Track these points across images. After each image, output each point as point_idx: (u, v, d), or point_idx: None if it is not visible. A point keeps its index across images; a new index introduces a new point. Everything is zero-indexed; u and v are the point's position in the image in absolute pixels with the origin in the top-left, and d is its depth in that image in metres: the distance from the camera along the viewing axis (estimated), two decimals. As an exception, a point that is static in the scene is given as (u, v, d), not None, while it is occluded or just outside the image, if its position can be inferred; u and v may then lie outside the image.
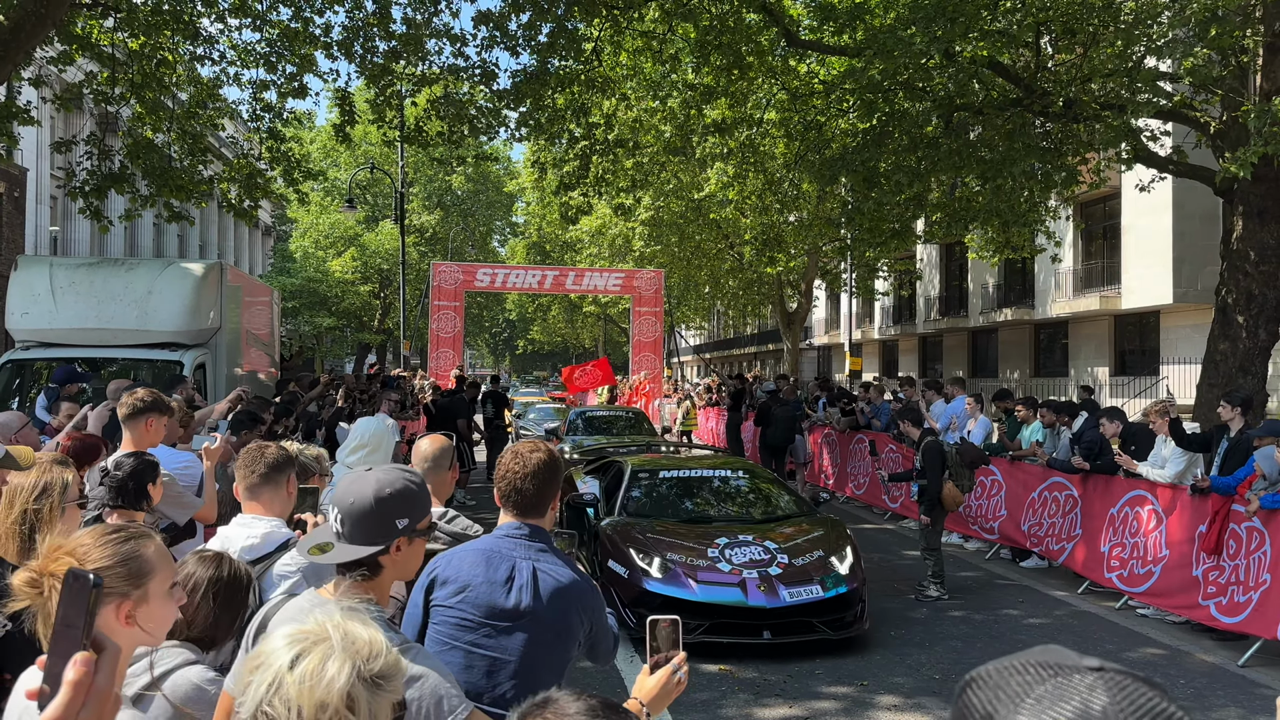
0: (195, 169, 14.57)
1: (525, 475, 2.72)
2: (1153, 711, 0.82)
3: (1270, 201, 11.43)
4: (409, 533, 2.13)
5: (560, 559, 2.74)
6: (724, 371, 48.09)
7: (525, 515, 2.74)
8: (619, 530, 7.75)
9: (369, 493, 2.11)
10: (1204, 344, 12.39)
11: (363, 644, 1.36)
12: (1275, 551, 6.77)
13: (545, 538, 2.74)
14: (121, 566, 1.82)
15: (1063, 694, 0.84)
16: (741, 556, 7.19)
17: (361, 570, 2.12)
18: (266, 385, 13.09)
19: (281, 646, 1.35)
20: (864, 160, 13.43)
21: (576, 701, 1.26)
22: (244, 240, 43.65)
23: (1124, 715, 0.81)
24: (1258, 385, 11.62)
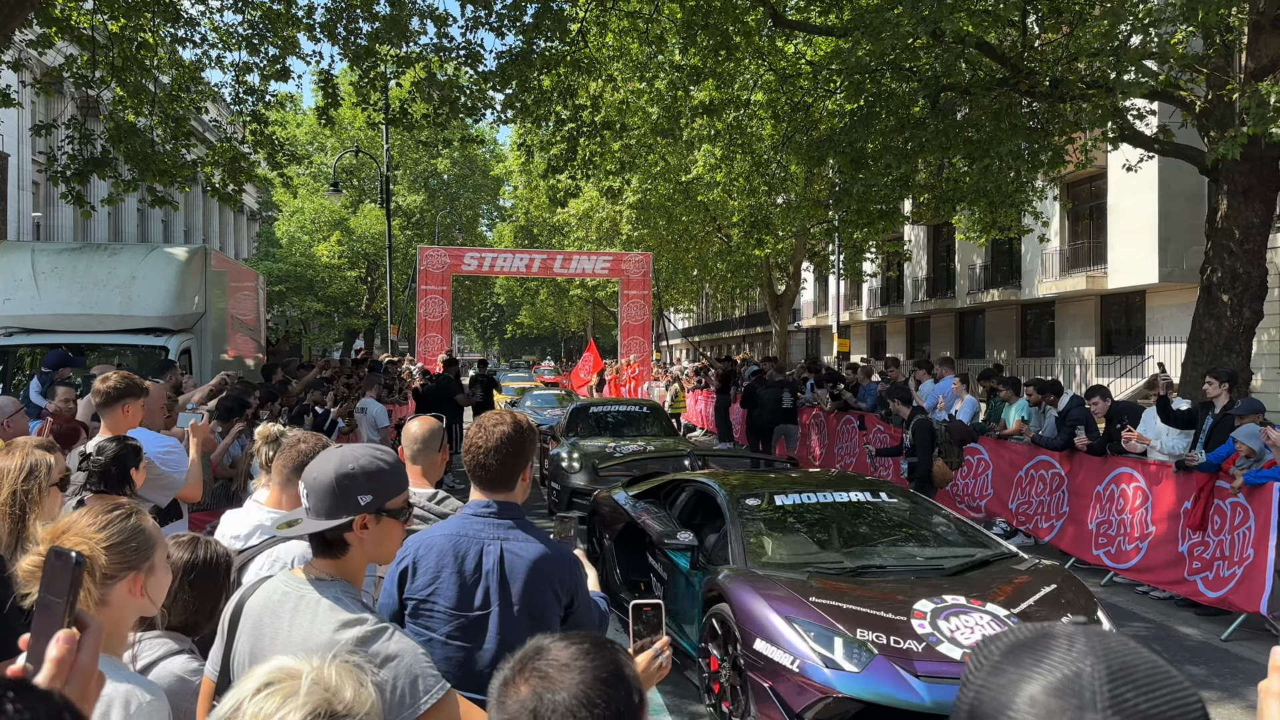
0: (178, 153, 14.43)
1: (488, 449, 2.66)
2: (1143, 667, 0.81)
3: (1255, 180, 11.46)
4: (375, 511, 2.10)
5: (531, 533, 2.66)
6: (712, 354, 48.14)
7: (492, 490, 2.68)
8: (759, 589, 5.11)
9: (331, 468, 2.10)
10: (1189, 323, 12.45)
11: (339, 700, 1.36)
12: (1259, 527, 6.82)
13: (515, 512, 2.68)
14: (132, 541, 1.89)
15: (1053, 653, 0.83)
16: (966, 632, 4.78)
17: (329, 548, 2.11)
18: (252, 371, 13.02)
19: (258, 673, 1.37)
20: (851, 141, 13.41)
21: (569, 647, 1.27)
22: (229, 225, 43.36)
23: (1114, 674, 0.80)
24: (1242, 363, 11.68)
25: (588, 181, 19.08)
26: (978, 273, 30.17)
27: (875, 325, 39.55)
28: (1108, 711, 0.77)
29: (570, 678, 1.22)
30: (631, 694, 1.25)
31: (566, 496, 11.32)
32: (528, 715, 1.20)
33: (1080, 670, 0.81)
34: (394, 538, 2.19)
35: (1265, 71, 10.54)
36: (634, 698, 1.25)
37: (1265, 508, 6.74)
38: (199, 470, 4.86)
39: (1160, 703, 0.79)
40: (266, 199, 44.18)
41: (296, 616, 2.02)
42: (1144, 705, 0.78)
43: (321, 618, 2.00)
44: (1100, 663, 0.81)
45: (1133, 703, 0.78)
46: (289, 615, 2.03)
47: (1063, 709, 0.78)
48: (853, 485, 6.62)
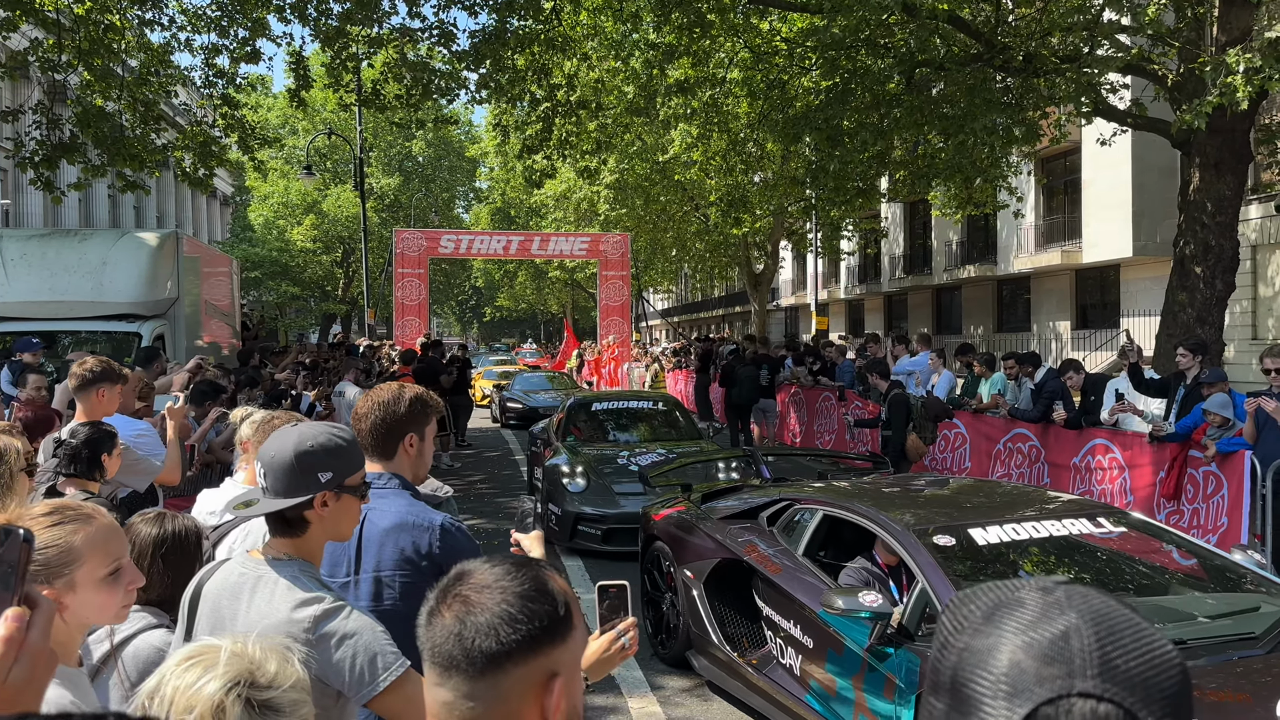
0: (148, 137, 14.24)
1: (362, 416, 2.67)
2: (1129, 630, 0.81)
3: (1226, 153, 11.54)
4: (334, 487, 2.08)
5: (404, 498, 2.61)
6: (692, 335, 48.18)
7: (372, 458, 2.66)
8: None
9: (290, 446, 2.08)
10: (1163, 296, 12.56)
11: (262, 672, 1.38)
12: (1232, 495, 6.92)
13: (396, 481, 2.66)
14: (48, 549, 1.75)
15: (1036, 614, 0.82)
16: None
17: (288, 527, 2.09)
18: (228, 357, 12.92)
19: (181, 652, 1.39)
20: (827, 118, 13.39)
21: (491, 569, 1.27)
22: (202, 211, 42.90)
23: (1102, 637, 0.79)
24: (1214, 334, 11.80)
25: (564, 162, 18.98)
26: (954, 249, 30.32)
27: (853, 303, 39.69)
28: (1098, 678, 0.77)
29: (491, 597, 1.22)
30: (557, 607, 1.25)
31: (570, 524, 8.59)
32: (453, 640, 1.21)
33: (1066, 632, 0.80)
34: (353, 515, 2.17)
35: (1235, 43, 10.60)
36: (559, 610, 1.25)
37: (1237, 476, 6.84)
38: (177, 453, 4.82)
39: (1145, 664, 0.78)
40: (240, 184, 43.76)
41: (254, 597, 2.01)
42: (1132, 668, 0.78)
43: (279, 597, 1.99)
44: (1087, 624, 0.80)
45: (1121, 666, 0.78)
46: (247, 596, 2.02)
47: (1052, 675, 0.77)
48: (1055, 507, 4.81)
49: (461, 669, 1.21)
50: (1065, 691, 0.77)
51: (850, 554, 5.11)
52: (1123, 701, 0.76)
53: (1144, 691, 0.77)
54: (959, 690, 0.81)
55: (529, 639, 1.21)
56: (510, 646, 1.20)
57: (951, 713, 0.81)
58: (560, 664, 1.25)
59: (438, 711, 1.25)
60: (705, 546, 5.59)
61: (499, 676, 1.21)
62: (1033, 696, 0.77)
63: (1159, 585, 4.52)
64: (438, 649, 1.22)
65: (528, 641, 1.21)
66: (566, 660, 1.26)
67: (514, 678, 1.21)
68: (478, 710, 1.21)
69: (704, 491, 6.57)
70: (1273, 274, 20.17)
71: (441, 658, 1.22)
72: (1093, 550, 4.67)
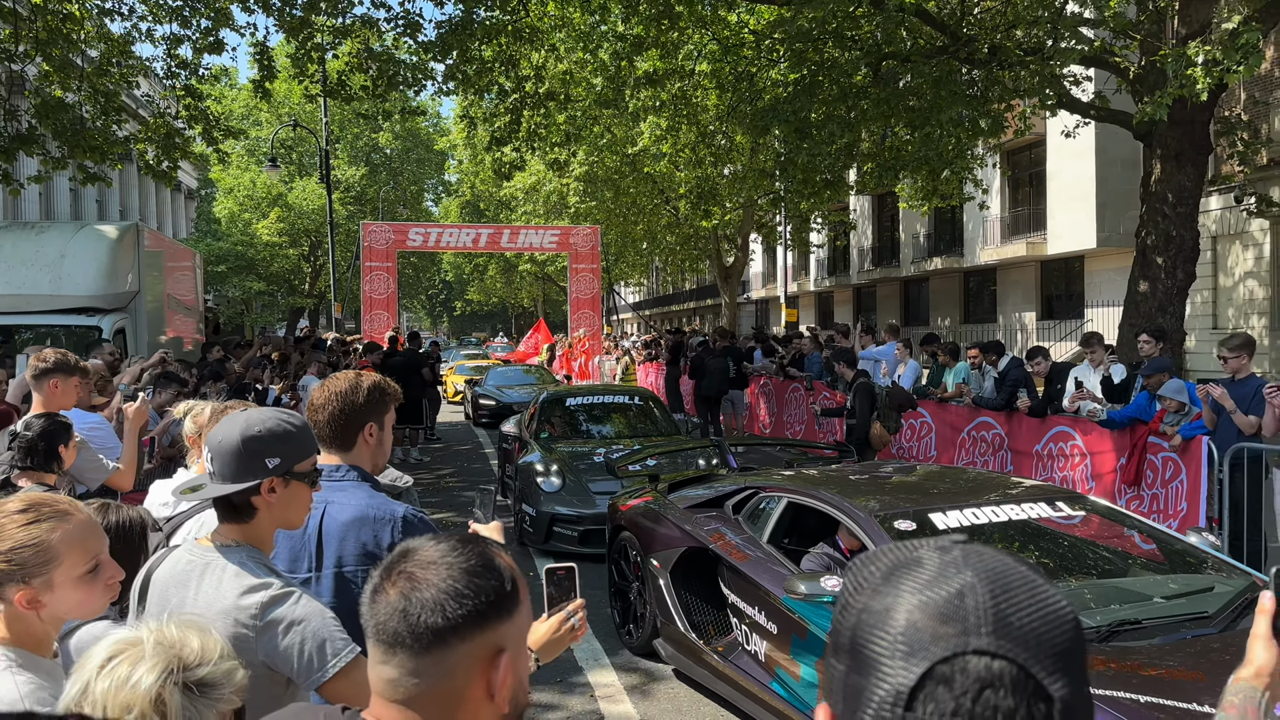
0: (109, 129, 14.03)
1: (320, 408, 2.63)
2: (1022, 586, 0.81)
3: (1187, 144, 11.70)
4: (282, 474, 2.05)
5: (358, 494, 2.56)
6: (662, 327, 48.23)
7: (330, 450, 2.64)
8: None
9: (237, 431, 2.05)
10: (1126, 286, 12.72)
11: (189, 651, 1.36)
12: (1191, 480, 7.04)
13: (354, 473, 2.63)
14: (23, 550, 1.75)
15: (932, 574, 0.82)
16: None
17: (235, 513, 2.06)
18: (191, 352, 12.76)
19: (98, 652, 1.35)
20: (795, 111, 13.43)
21: (436, 545, 1.26)
22: (166, 204, 42.30)
23: (996, 594, 0.80)
24: (1175, 324, 11.97)
25: (533, 154, 18.91)
26: (921, 241, 30.54)
27: (823, 295, 39.89)
28: (992, 635, 0.77)
29: (437, 573, 1.22)
30: (504, 583, 1.24)
31: (545, 525, 8.32)
32: (398, 617, 1.20)
33: (962, 590, 0.80)
34: (302, 502, 2.14)
35: (1195, 36, 10.75)
36: (505, 586, 1.24)
37: (1195, 462, 6.95)
38: (133, 455, 4.75)
39: (1039, 621, 0.79)
40: (205, 177, 43.24)
41: (202, 584, 1.99)
42: (1025, 624, 0.78)
43: (226, 583, 1.96)
44: (983, 583, 0.80)
45: (1015, 622, 0.78)
46: (195, 583, 1.99)
47: (947, 633, 0.78)
48: (1014, 491, 4.85)
49: (406, 645, 1.20)
50: (960, 649, 0.77)
51: (814, 540, 5.13)
52: (1016, 657, 0.77)
53: (1037, 647, 0.77)
54: (858, 651, 0.82)
55: (475, 614, 1.21)
56: (456, 622, 1.20)
57: (850, 674, 0.82)
58: (506, 639, 1.24)
59: (382, 689, 1.24)
60: (672, 535, 5.59)
61: (444, 652, 1.20)
62: (929, 655, 0.77)
63: (1117, 567, 4.56)
64: (382, 626, 1.21)
65: (474, 617, 1.21)
66: (513, 636, 1.26)
67: (460, 653, 1.20)
68: (422, 687, 1.20)
69: (671, 481, 6.53)
70: (1233, 264, 20.50)
71: (386, 635, 1.21)
72: (1051, 534, 4.71)
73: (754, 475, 6.20)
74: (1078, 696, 0.79)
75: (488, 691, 1.22)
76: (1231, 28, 9.73)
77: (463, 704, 1.22)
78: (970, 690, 0.76)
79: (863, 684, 0.80)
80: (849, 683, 0.82)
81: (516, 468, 9.37)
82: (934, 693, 0.77)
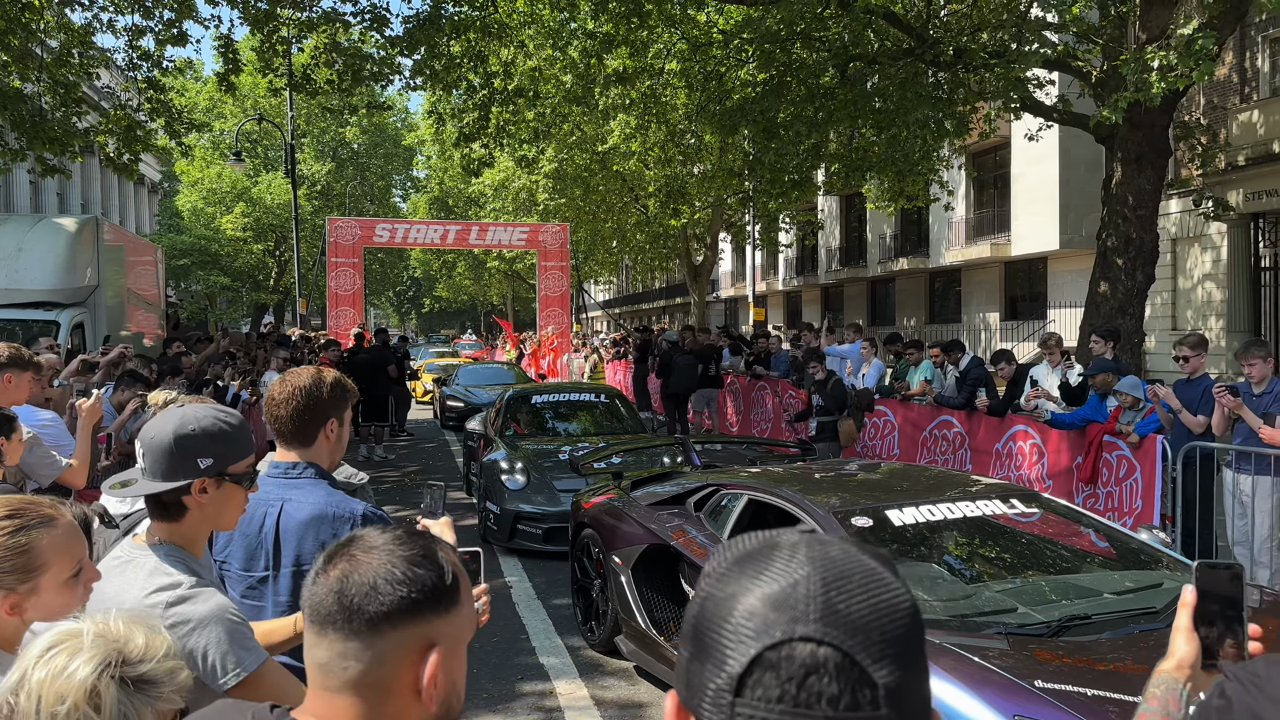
0: (69, 120, 13.81)
1: (282, 402, 2.60)
2: (858, 575, 0.83)
3: (1147, 148, 11.88)
4: (215, 474, 2.02)
5: (317, 492, 2.54)
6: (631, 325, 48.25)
7: (289, 445, 2.62)
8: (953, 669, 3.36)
9: (170, 428, 2.02)
10: (1087, 287, 12.90)
11: (131, 646, 1.34)
12: (1145, 478, 7.15)
13: (312, 469, 2.61)
14: (6, 563, 1.71)
15: (773, 563, 0.85)
16: None
17: (165, 511, 2.03)
18: (152, 347, 12.60)
19: (39, 642, 1.34)
20: (763, 111, 13.50)
21: (383, 534, 1.27)
22: (129, 198, 41.69)
23: (828, 583, 0.82)
24: (1135, 325, 12.17)
25: (502, 151, 18.85)
26: (888, 242, 30.78)
27: (791, 294, 40.09)
28: (819, 623, 0.79)
29: (377, 557, 1.22)
30: (443, 575, 1.24)
31: (509, 523, 8.24)
32: (333, 595, 1.20)
33: (796, 580, 0.82)
34: (236, 503, 2.10)
35: (1154, 41, 10.92)
36: (445, 579, 1.24)
37: (1149, 460, 7.07)
38: (87, 451, 4.69)
39: (869, 609, 0.81)
40: (168, 171, 42.67)
41: (119, 581, 1.96)
42: (854, 612, 0.80)
43: (138, 582, 1.94)
44: (817, 572, 0.82)
45: (843, 611, 0.80)
46: (114, 580, 1.97)
47: (777, 621, 0.80)
48: (971, 489, 4.88)
49: (338, 625, 1.19)
50: (788, 636, 0.79)
51: None
52: (841, 644, 0.79)
53: (865, 634, 0.79)
54: (700, 637, 0.84)
55: (408, 601, 1.20)
56: (389, 607, 1.19)
57: (693, 661, 0.84)
58: (440, 635, 1.23)
59: (313, 678, 1.23)
60: (634, 533, 5.59)
61: (374, 638, 1.19)
62: (758, 642, 0.80)
63: (1069, 563, 4.62)
64: (317, 605, 1.21)
65: (407, 604, 1.20)
66: (448, 633, 1.25)
67: (390, 640, 1.19)
68: (352, 672, 1.19)
69: (634, 479, 6.53)
70: (1192, 266, 20.84)
71: (319, 614, 1.21)
72: (1006, 531, 4.75)
73: (716, 472, 6.20)
74: (908, 682, 0.80)
75: (416, 686, 1.21)
76: (1187, 34, 9.90)
77: (390, 696, 1.21)
78: (795, 676, 0.78)
79: (701, 670, 0.82)
80: (690, 669, 0.84)
81: (481, 465, 9.30)
82: (761, 678, 0.79)
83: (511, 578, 7.67)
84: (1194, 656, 1.39)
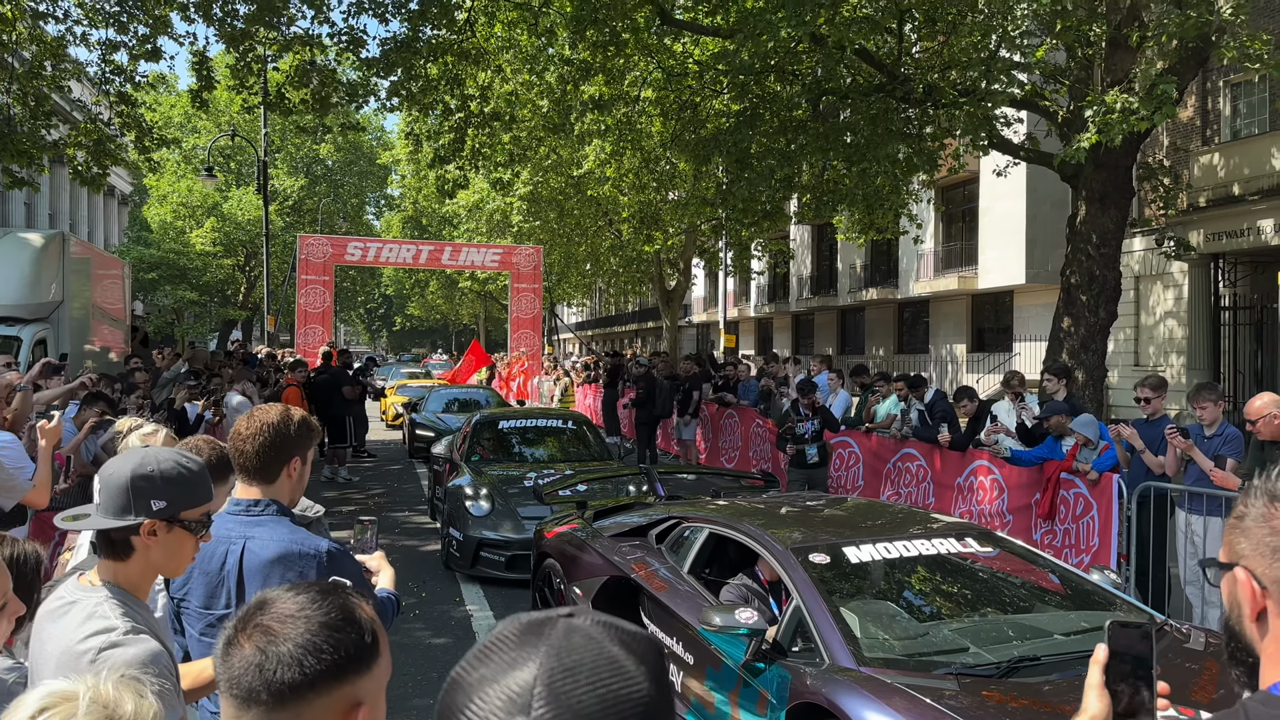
0: (38, 132, 13.70)
1: (248, 438, 2.59)
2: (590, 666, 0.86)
3: (1110, 188, 12.13)
4: (167, 518, 2.02)
5: (279, 530, 2.55)
6: (600, 348, 48.27)
7: (251, 481, 2.62)
8: (907, 711, 3.42)
9: (128, 467, 2.02)
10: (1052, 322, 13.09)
11: (122, 712, 1.33)
12: (1102, 517, 7.26)
13: (274, 507, 2.61)
14: None
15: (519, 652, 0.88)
16: None
17: (112, 549, 2.03)
18: (117, 363, 12.47)
19: (29, 701, 1.32)
20: (736, 141, 13.64)
21: (295, 597, 1.24)
22: (98, 210, 41.27)
23: (555, 674, 0.85)
24: (1097, 361, 12.37)
25: (477, 173, 18.89)
26: (858, 272, 31.07)
27: (763, 321, 40.30)
28: (540, 712, 0.82)
29: (295, 628, 1.20)
30: (363, 635, 1.23)
31: (472, 550, 8.18)
32: (253, 672, 1.18)
33: (530, 669, 0.85)
34: (185, 551, 2.09)
35: (1117, 84, 11.17)
36: (365, 639, 1.23)
37: (1106, 499, 7.18)
38: (48, 472, 4.66)
39: (596, 700, 0.84)
40: (139, 183, 42.32)
41: (60, 622, 1.96)
42: (579, 704, 0.83)
43: (74, 626, 1.94)
44: (551, 660, 0.86)
45: (568, 702, 0.83)
46: (55, 621, 1.97)
47: (504, 709, 0.84)
48: (931, 527, 4.93)
49: (261, 701, 1.17)
50: None
51: (735, 570, 5.15)
52: None
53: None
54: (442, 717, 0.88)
55: (333, 668, 1.19)
56: (313, 677, 1.18)
57: None
58: (365, 693, 1.23)
59: None
60: (595, 564, 5.56)
61: (300, 707, 1.18)
62: None
63: (1021, 603, 4.65)
64: (236, 681, 1.19)
65: (332, 671, 1.19)
66: (371, 689, 1.25)
67: (316, 708, 1.19)
68: None
69: (598, 508, 6.51)
70: (1154, 304, 21.20)
71: (240, 690, 1.18)
72: (959, 569, 4.79)
73: (679, 504, 6.20)
74: None
75: None
76: (1150, 79, 10.15)
77: None
78: None
79: None
80: None
81: (446, 490, 9.22)
82: None
83: (472, 605, 7.63)
84: (1105, 713, 1.44)
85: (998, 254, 24.08)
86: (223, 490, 2.79)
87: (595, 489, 8.36)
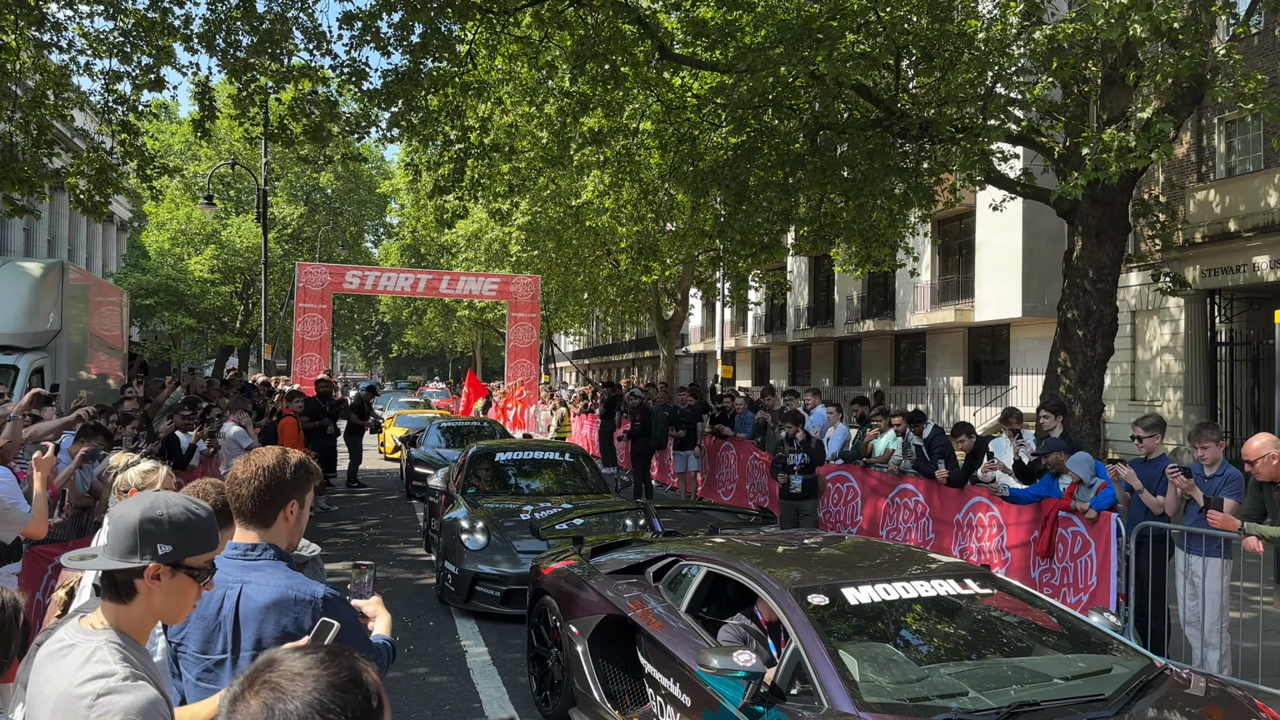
0: (40, 161, 13.76)
1: (244, 481, 2.59)
2: None
3: (1106, 223, 12.20)
4: (171, 563, 2.02)
5: (277, 574, 2.54)
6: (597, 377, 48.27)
7: (248, 525, 2.61)
8: None
9: (138, 510, 2.03)
10: (1049, 355, 13.11)
11: None
12: (1100, 556, 7.23)
13: (271, 551, 2.60)
14: None
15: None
16: None
17: (116, 591, 2.03)
18: (114, 391, 12.44)
19: None
20: (734, 174, 13.71)
21: (303, 657, 1.25)
22: (97, 236, 41.38)
23: None
24: (1094, 395, 12.38)
25: (476, 203, 18.97)
26: (855, 303, 31.16)
27: (760, 351, 40.34)
28: None
29: (303, 686, 1.20)
30: (370, 699, 1.23)
31: (467, 584, 8.10)
32: None
33: None
34: (187, 598, 2.10)
35: (1114, 122, 11.27)
36: (372, 702, 1.23)
37: (1104, 537, 7.15)
38: (44, 504, 4.64)
39: None
40: (138, 209, 42.47)
41: (58, 665, 1.96)
42: None
43: (74, 669, 1.93)
44: None
45: None
46: (54, 664, 1.96)
47: None
48: (929, 568, 4.89)
49: None
50: None
51: (734, 609, 5.10)
52: None
53: None
54: None
55: None
56: None
57: None
58: None
59: None
60: (592, 601, 5.52)
61: None
62: None
63: (1020, 646, 4.57)
64: None
65: None
66: None
67: None
68: None
69: (595, 545, 6.46)
70: (1151, 339, 21.26)
71: None
72: (958, 611, 4.72)
73: (676, 541, 6.13)
74: None
75: None
76: (1146, 117, 10.23)
77: None
78: None
79: None
80: None
81: (442, 523, 9.10)
82: None
83: (467, 640, 7.56)
84: None
85: (994, 287, 24.17)
86: (227, 535, 2.78)
87: (592, 524, 8.30)
